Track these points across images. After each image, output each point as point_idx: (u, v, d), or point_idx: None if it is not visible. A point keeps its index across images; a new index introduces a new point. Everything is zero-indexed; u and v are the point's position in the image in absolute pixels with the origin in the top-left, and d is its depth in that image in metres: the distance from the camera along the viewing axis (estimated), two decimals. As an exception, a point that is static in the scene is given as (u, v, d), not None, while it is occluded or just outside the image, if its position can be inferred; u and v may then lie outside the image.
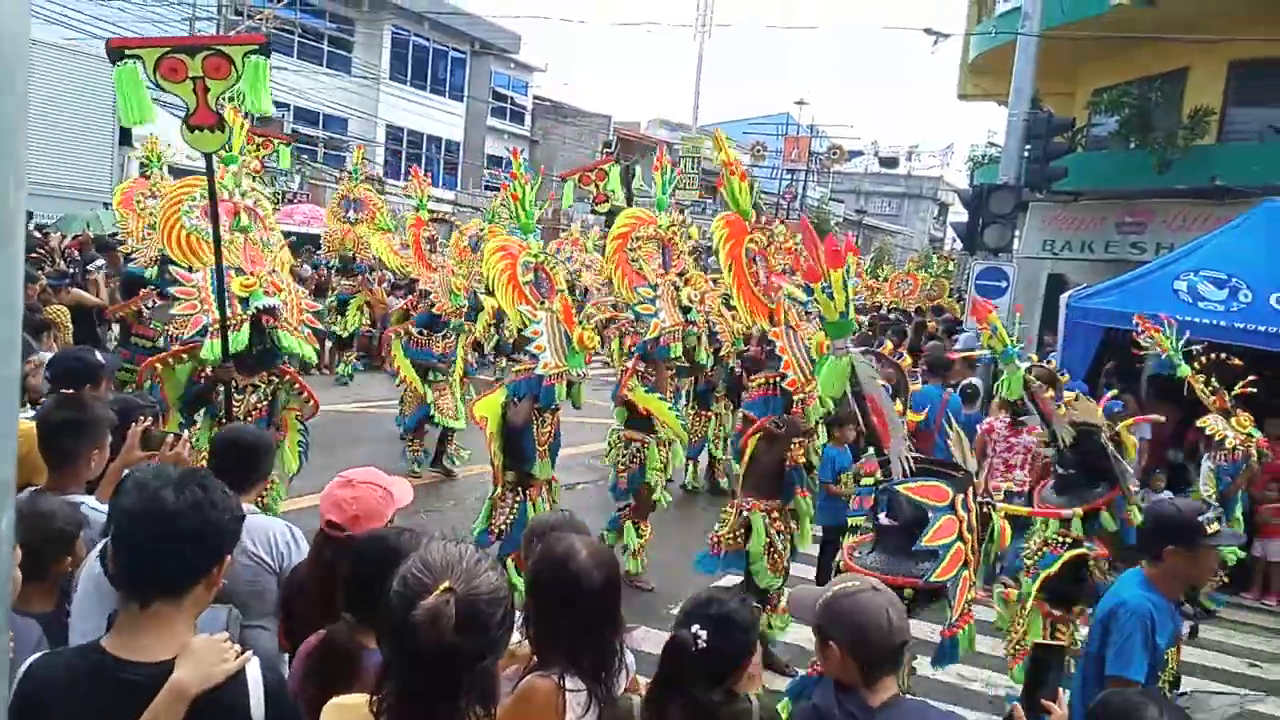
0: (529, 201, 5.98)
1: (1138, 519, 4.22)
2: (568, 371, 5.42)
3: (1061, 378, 5.14)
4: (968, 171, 18.23)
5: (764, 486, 5.30)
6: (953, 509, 3.17)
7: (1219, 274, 7.94)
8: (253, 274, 5.02)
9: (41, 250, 9.97)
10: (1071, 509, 4.48)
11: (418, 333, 8.90)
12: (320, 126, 27.31)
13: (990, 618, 6.69)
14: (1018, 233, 12.36)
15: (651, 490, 6.63)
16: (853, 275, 3.48)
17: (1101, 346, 8.85)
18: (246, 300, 4.94)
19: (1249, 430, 6.82)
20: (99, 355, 4.57)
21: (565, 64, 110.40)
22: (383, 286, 15.20)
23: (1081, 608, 4.48)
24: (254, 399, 5.03)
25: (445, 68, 31.44)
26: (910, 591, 3.08)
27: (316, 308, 5.88)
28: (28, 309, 6.78)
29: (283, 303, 5.10)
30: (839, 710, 2.27)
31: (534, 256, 5.80)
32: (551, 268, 5.92)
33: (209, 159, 4.57)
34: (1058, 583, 4.39)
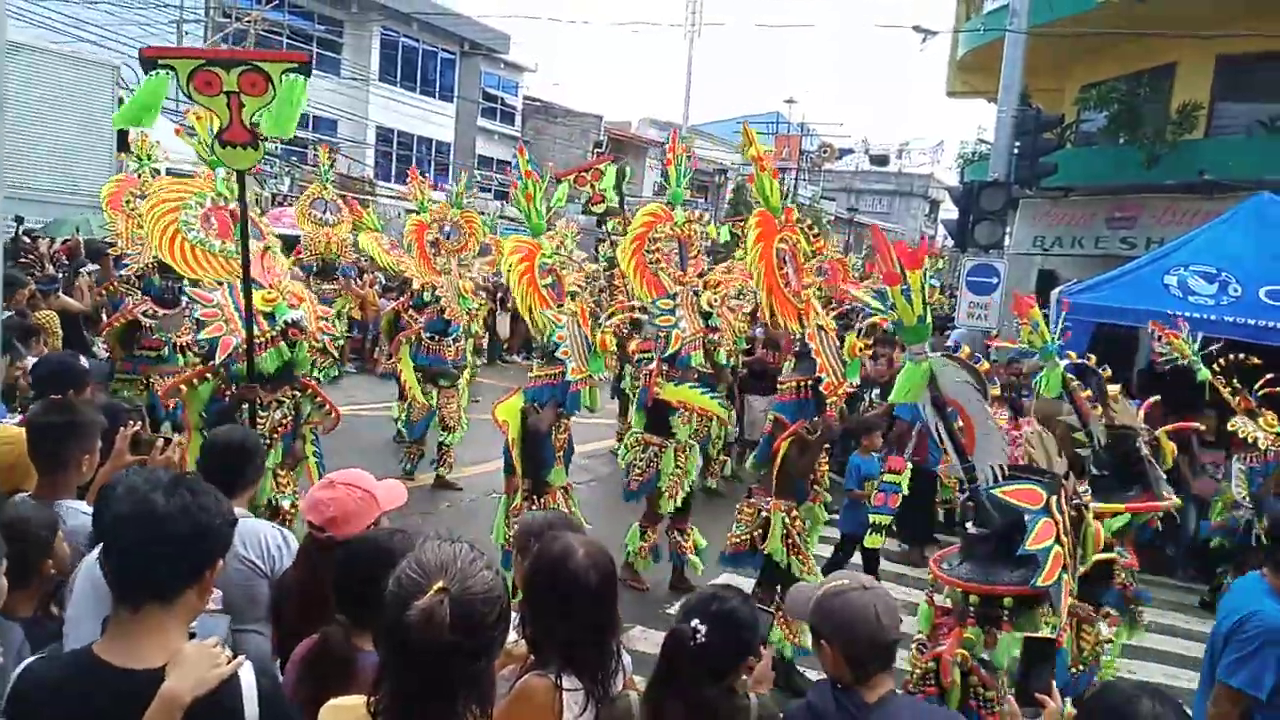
0: (539, 201, 5.80)
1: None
2: (590, 376, 5.33)
3: (1105, 374, 4.99)
4: (958, 168, 18.25)
5: (789, 488, 5.17)
6: (1048, 511, 3.08)
7: (1209, 268, 7.97)
8: (272, 286, 4.82)
9: (31, 256, 9.92)
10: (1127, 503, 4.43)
11: (429, 339, 8.72)
12: (310, 129, 27.25)
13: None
14: (1008, 229, 12.39)
15: (660, 495, 6.46)
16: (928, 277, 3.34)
17: (1093, 342, 8.87)
18: (272, 315, 4.75)
19: (1278, 429, 6.82)
20: (84, 361, 4.54)
21: (555, 64, 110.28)
22: (373, 289, 15.16)
23: (1106, 609, 4.48)
24: (278, 415, 4.86)
25: (435, 68, 31.37)
26: (1010, 600, 3.03)
27: (329, 313, 5.73)
28: (17, 314, 6.76)
29: (306, 314, 4.95)
30: (835, 708, 2.28)
31: (548, 258, 5.66)
32: (562, 268, 5.83)
33: (241, 178, 4.42)
34: (1085, 582, 4.23)
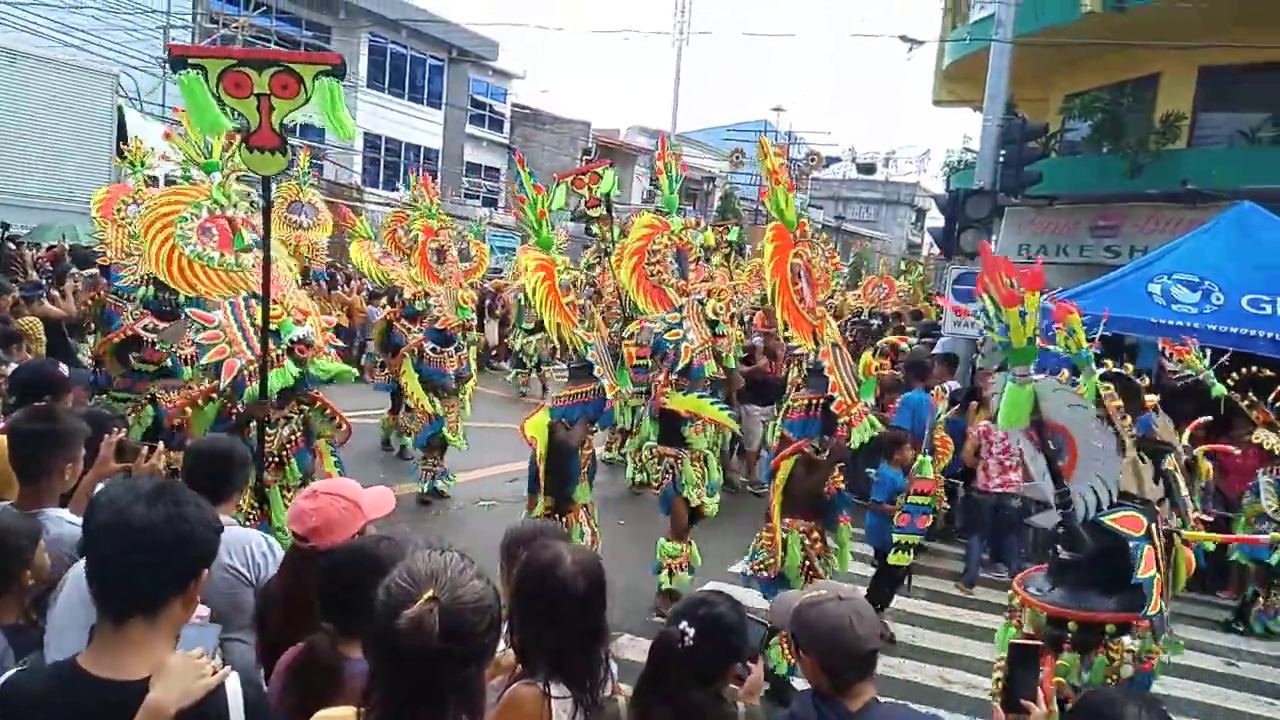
0: (547, 210, 5.61)
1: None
2: (620, 391, 5.30)
3: (1143, 384, 4.81)
4: (944, 177, 18.37)
5: (802, 508, 5.01)
6: (1149, 538, 3.05)
7: (1191, 277, 8.03)
8: (277, 301, 4.54)
9: (16, 262, 9.84)
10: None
11: (430, 350, 8.61)
12: (298, 135, 27.17)
13: (967, 620, 6.75)
14: (994, 237, 12.47)
15: (687, 504, 6.39)
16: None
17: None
18: (278, 333, 4.48)
19: None
20: (63, 368, 4.49)
21: (543, 71, 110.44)
22: (361, 295, 15.12)
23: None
24: (287, 431, 4.68)
25: (423, 75, 31.36)
26: (1112, 627, 3.02)
27: (333, 323, 5.44)
28: (1, 319, 6.70)
29: (313, 329, 4.71)
30: (818, 718, 2.29)
31: (564, 273, 5.57)
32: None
33: (266, 184, 4.24)
34: None
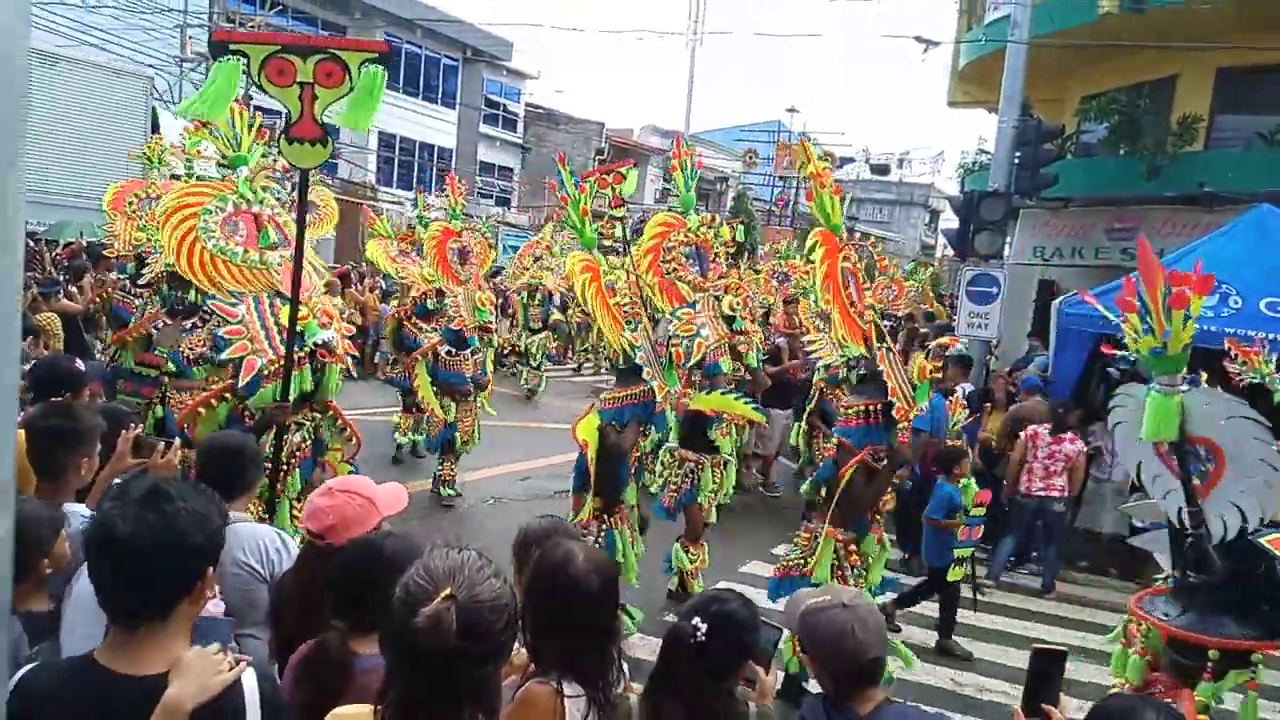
0: (586, 209, 5.50)
1: None
2: (669, 393, 5.22)
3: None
4: (958, 178, 18.30)
5: (848, 518, 4.88)
6: None
7: (1209, 280, 7.97)
8: (303, 302, 4.39)
9: (36, 259, 9.93)
10: None
11: (446, 353, 8.46)
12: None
13: (981, 625, 6.72)
14: (1008, 239, 12.42)
15: (702, 511, 6.35)
16: None
17: (1093, 352, 8.88)
18: (301, 335, 4.34)
19: None
20: (80, 364, 4.51)
21: (558, 71, 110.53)
22: (374, 294, 15.20)
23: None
24: (298, 438, 4.53)
25: (437, 75, 31.46)
26: (1259, 656, 2.95)
27: (352, 331, 5.27)
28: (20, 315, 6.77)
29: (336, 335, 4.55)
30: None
31: (610, 274, 5.45)
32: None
33: (304, 177, 4.08)
34: None
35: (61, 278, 9.72)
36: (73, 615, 2.36)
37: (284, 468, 4.41)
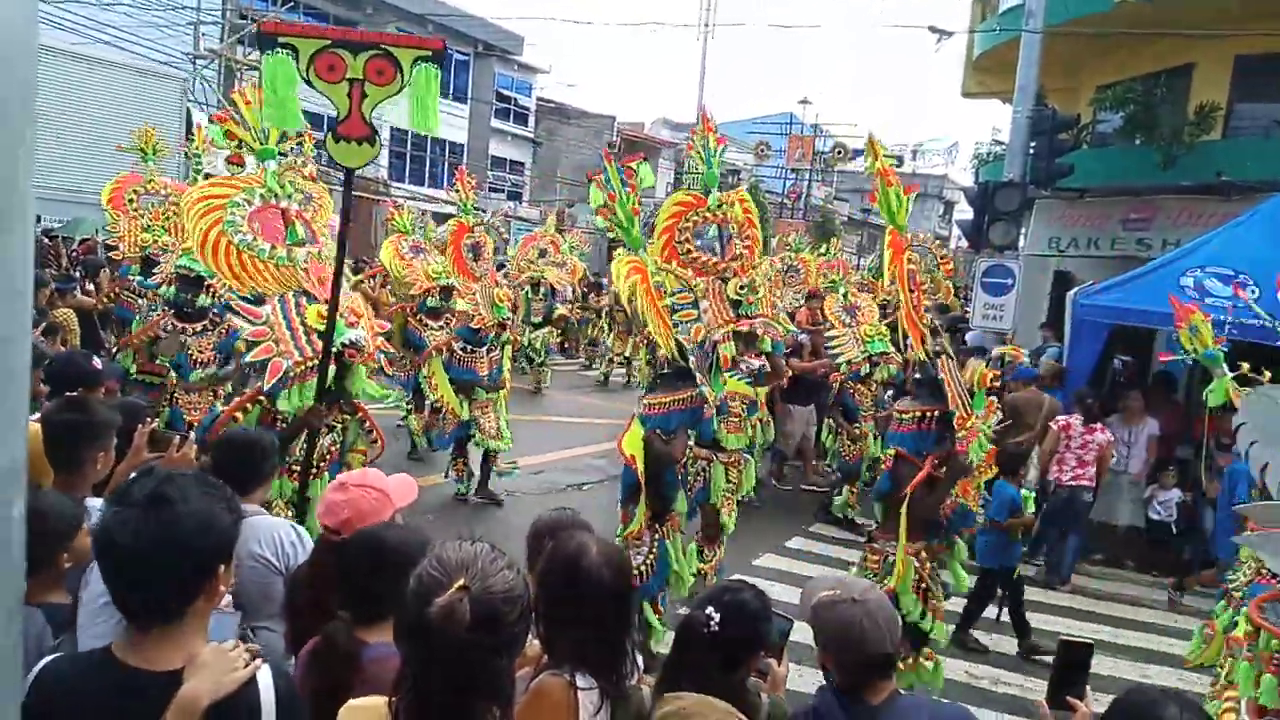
0: (636, 208, 5.31)
1: None
2: (716, 398, 5.10)
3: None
4: (973, 169, 18.18)
5: (918, 529, 4.67)
6: None
7: (1226, 270, 7.90)
8: (328, 301, 4.21)
9: (51, 256, 10.02)
10: None
11: (460, 349, 8.29)
12: (325, 129, 27.37)
13: (988, 614, 6.69)
14: (1023, 230, 12.34)
15: (718, 512, 6.22)
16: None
17: (1108, 343, 8.82)
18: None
19: None
20: (96, 360, 4.54)
21: (569, 65, 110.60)
22: (385, 290, 15.22)
23: None
24: (327, 441, 4.40)
25: (449, 70, 31.47)
26: None
27: (386, 328, 5.14)
28: (36, 312, 6.80)
29: (365, 334, 4.40)
30: (841, 712, 2.29)
31: (657, 276, 5.27)
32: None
33: (348, 175, 3.95)
34: None
35: (78, 274, 9.80)
36: (88, 609, 2.38)
37: (314, 471, 4.32)
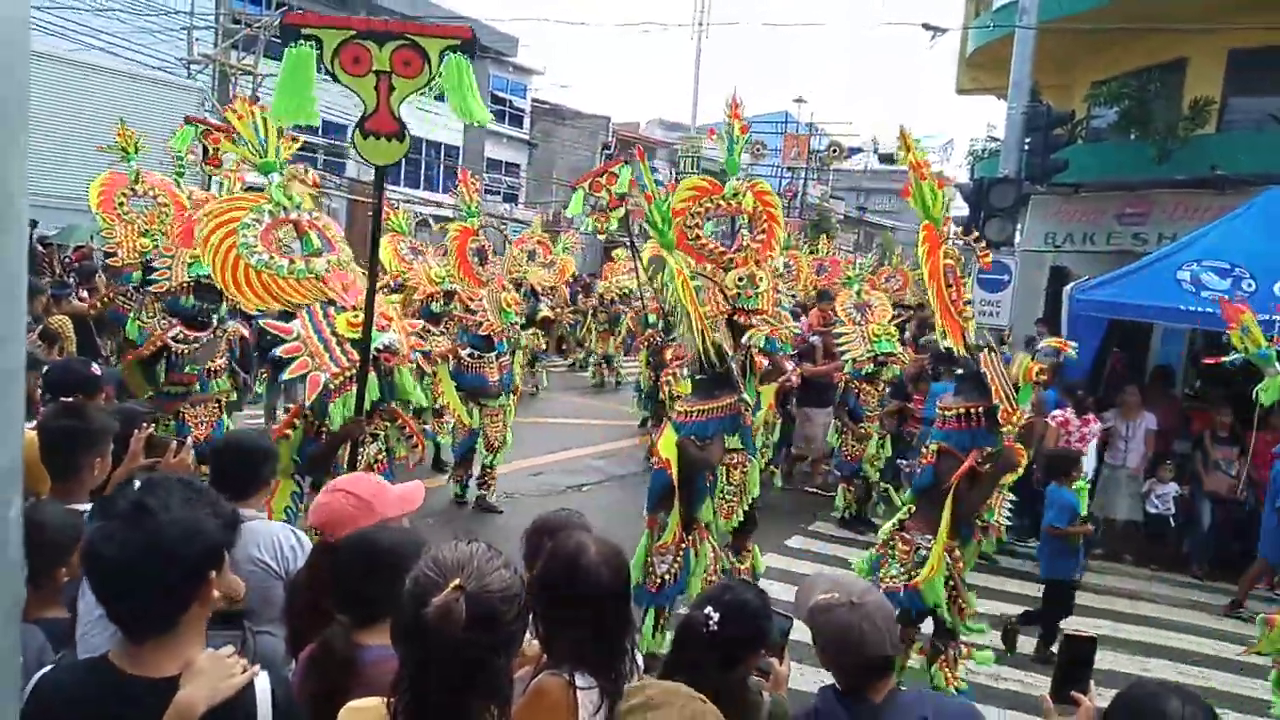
0: (665, 213, 5.15)
1: None
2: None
3: None
4: (968, 166, 18.21)
5: (958, 526, 4.57)
6: None
7: (1222, 263, 7.93)
8: (356, 307, 4.15)
9: (45, 263, 10.02)
10: None
11: (469, 356, 8.02)
12: (320, 134, 27.35)
13: (993, 610, 6.70)
14: (1019, 226, 12.35)
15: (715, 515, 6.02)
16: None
17: (1106, 338, 8.83)
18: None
19: None
20: (95, 367, 4.54)
21: (563, 66, 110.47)
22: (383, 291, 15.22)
23: None
24: (373, 450, 4.33)
25: (444, 73, 31.42)
26: None
27: (416, 327, 5.05)
28: (32, 320, 6.78)
29: (398, 336, 4.33)
30: (843, 711, 2.30)
31: (694, 278, 5.15)
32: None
33: (379, 175, 3.79)
34: None
35: (72, 280, 9.78)
36: (86, 620, 2.38)
37: None
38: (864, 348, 8.45)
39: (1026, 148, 10.86)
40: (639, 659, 2.31)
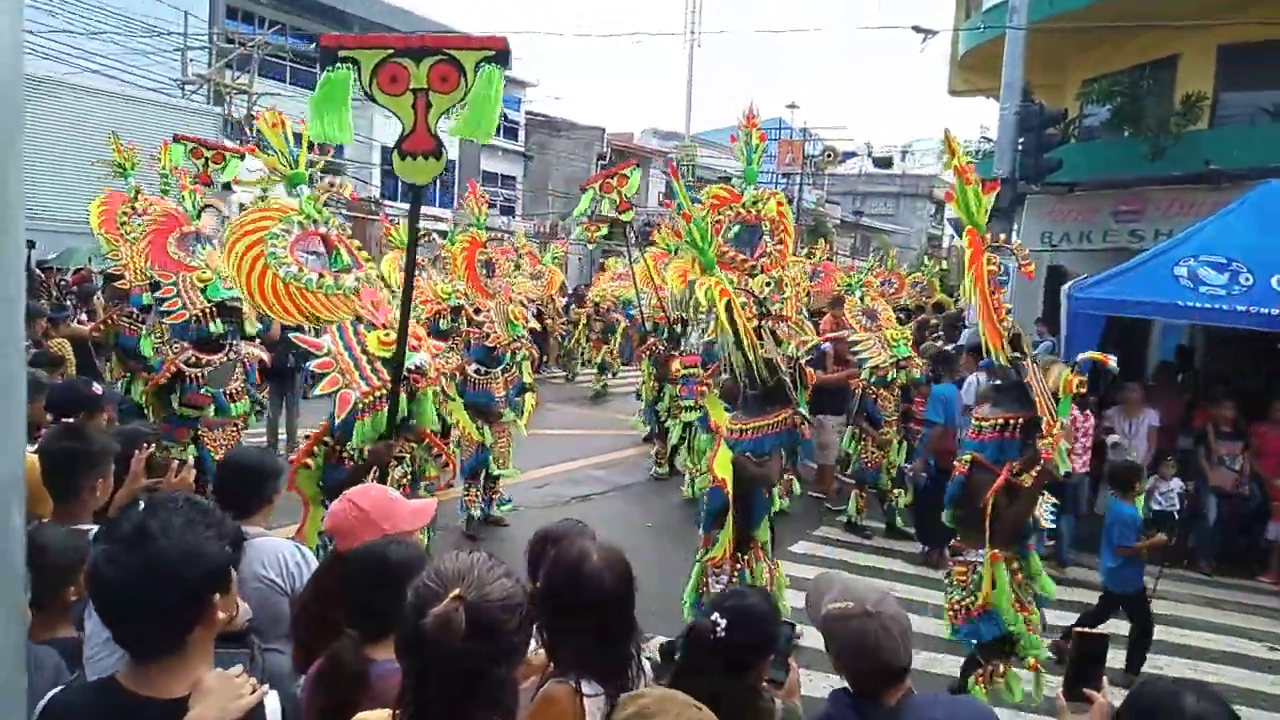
0: (707, 228, 5.01)
1: None
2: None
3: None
4: (963, 167, 18.16)
5: (1001, 537, 4.45)
6: None
7: (1219, 258, 7.92)
8: (386, 326, 4.08)
9: (43, 287, 10.02)
10: None
11: (475, 372, 7.79)
12: (316, 149, 27.39)
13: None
14: (1015, 226, 12.36)
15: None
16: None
17: (1104, 336, 8.83)
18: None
19: None
20: (96, 387, 4.56)
21: (556, 78, 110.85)
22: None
23: None
24: (399, 473, 4.26)
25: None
26: None
27: (440, 349, 4.94)
28: (33, 344, 6.77)
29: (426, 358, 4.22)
30: (854, 715, 2.29)
31: (739, 294, 5.08)
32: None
33: (416, 193, 3.65)
34: None
35: (70, 303, 9.77)
36: (94, 641, 2.37)
37: None
38: (885, 354, 8.37)
39: (1020, 148, 10.89)
40: (646, 665, 2.30)
